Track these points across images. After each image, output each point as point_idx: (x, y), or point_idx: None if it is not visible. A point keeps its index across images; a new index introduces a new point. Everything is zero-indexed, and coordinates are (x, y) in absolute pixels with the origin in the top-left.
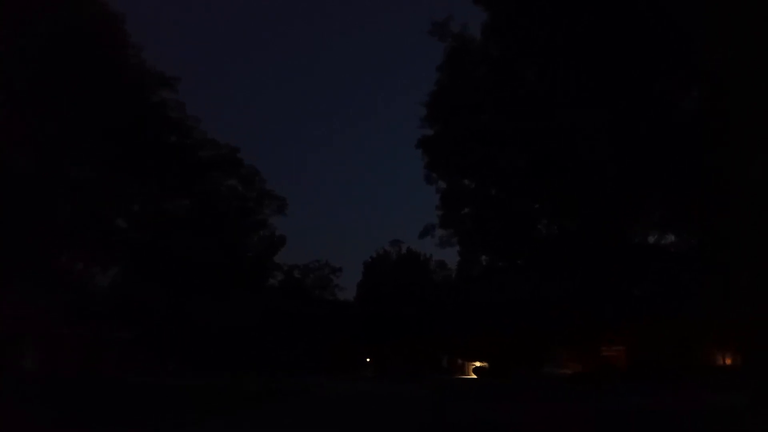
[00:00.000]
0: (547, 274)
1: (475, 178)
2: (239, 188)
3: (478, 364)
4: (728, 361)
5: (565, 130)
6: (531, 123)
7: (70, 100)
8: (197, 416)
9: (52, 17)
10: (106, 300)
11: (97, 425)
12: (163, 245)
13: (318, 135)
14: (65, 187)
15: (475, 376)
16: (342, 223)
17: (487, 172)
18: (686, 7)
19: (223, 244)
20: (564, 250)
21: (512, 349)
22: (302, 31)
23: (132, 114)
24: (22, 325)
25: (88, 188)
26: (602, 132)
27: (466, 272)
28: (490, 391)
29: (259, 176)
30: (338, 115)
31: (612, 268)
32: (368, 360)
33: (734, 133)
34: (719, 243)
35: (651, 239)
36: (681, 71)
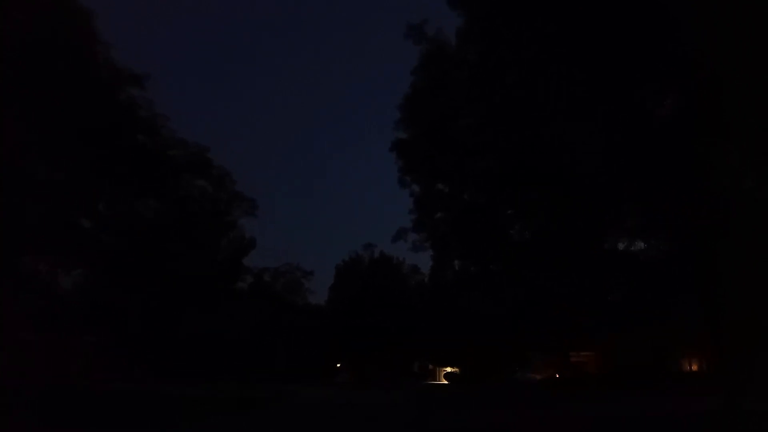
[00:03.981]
0: (520, 280)
1: (449, 182)
2: (209, 189)
3: (449, 369)
4: (694, 368)
5: (546, 142)
6: (507, 132)
7: (36, 98)
8: (176, 422)
9: (18, 13)
10: (72, 304)
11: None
12: (133, 248)
13: (289, 136)
14: (32, 188)
15: (446, 382)
16: (313, 226)
17: (460, 177)
18: (675, 6)
19: (194, 247)
20: (538, 256)
21: (485, 355)
22: (276, 30)
23: (101, 113)
24: None
25: (56, 189)
26: (591, 144)
27: (440, 277)
28: (469, 398)
29: (228, 177)
30: (311, 116)
31: (587, 275)
32: (339, 366)
33: (718, 138)
34: (696, 251)
35: (620, 246)
36: (666, 76)
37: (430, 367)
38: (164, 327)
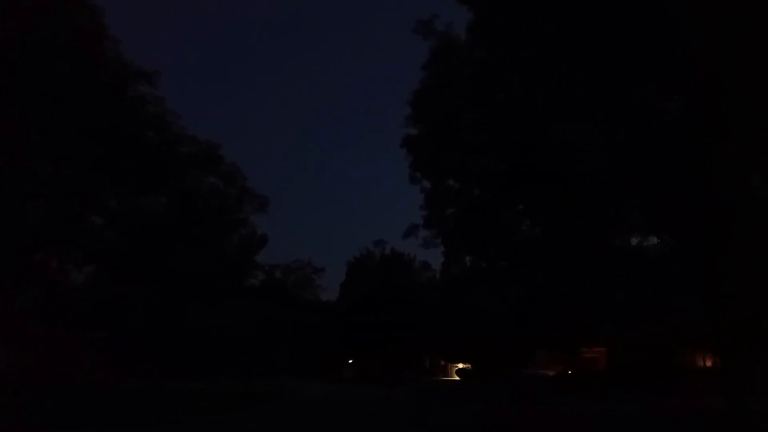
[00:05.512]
0: (521, 278)
1: (458, 179)
2: (220, 186)
3: (461, 365)
4: (698, 365)
5: (547, 141)
6: (515, 130)
7: (40, 94)
8: (180, 417)
9: (23, 9)
10: (80, 300)
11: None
12: (137, 245)
13: (289, 136)
14: (38, 185)
15: (458, 378)
16: (325, 223)
17: (469, 174)
18: (675, 6)
19: (203, 244)
20: (538, 254)
21: (493, 351)
22: (276, 30)
23: (109, 110)
24: None
25: (63, 186)
26: (592, 144)
27: (450, 274)
28: (471, 394)
29: (240, 173)
30: (322, 114)
31: (587, 273)
32: (350, 361)
33: (718, 137)
34: (697, 250)
35: (621, 243)
36: (666, 76)
37: (442, 363)
38: (168, 323)
